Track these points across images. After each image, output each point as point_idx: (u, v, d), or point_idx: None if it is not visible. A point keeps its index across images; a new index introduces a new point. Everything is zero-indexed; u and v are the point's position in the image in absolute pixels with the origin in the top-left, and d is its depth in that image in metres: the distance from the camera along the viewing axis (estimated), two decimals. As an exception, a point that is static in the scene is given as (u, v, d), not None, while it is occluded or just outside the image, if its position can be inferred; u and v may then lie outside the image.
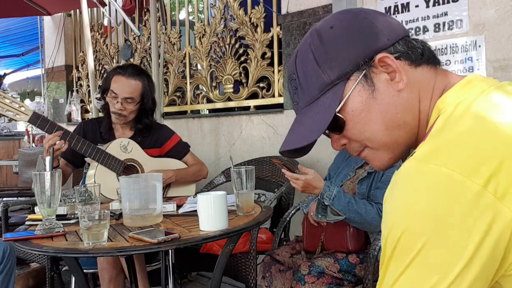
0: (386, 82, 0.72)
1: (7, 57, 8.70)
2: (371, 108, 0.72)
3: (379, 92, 0.72)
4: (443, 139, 0.63)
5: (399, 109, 0.72)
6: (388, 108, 0.72)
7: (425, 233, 0.57)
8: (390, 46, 0.73)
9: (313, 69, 0.75)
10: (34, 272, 3.12)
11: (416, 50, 0.74)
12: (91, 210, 1.40)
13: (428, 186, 0.59)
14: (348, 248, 1.80)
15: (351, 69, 0.72)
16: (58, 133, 1.99)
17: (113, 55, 4.48)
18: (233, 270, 2.24)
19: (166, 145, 2.38)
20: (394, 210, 0.61)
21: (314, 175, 1.72)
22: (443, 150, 0.61)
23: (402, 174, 0.63)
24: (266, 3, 3.01)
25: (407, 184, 0.61)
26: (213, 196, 1.47)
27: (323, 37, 0.75)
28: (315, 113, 0.75)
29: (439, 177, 0.58)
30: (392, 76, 0.72)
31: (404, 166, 0.63)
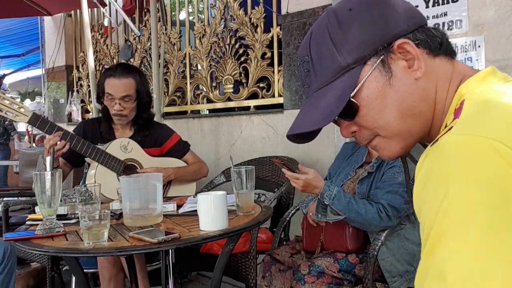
0: (403, 69, 0.70)
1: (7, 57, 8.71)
2: (387, 95, 0.70)
3: (397, 79, 0.70)
4: (482, 113, 0.61)
5: (415, 98, 0.70)
6: (404, 96, 0.70)
7: (482, 203, 0.53)
8: (410, 33, 0.71)
9: (328, 51, 0.72)
10: (35, 272, 3.12)
11: (436, 39, 0.72)
12: (92, 210, 1.41)
13: (480, 156, 0.55)
14: (347, 248, 1.80)
15: (368, 53, 0.70)
16: (58, 133, 2.00)
17: (113, 55, 4.48)
18: (233, 270, 2.24)
19: (166, 144, 2.38)
20: (445, 182, 0.56)
21: (314, 174, 1.73)
22: (486, 123, 0.59)
23: (446, 146, 0.59)
24: (266, 3, 3.02)
25: (457, 155, 0.57)
26: (213, 196, 1.48)
27: (341, 18, 0.72)
28: (329, 97, 0.72)
29: (488, 147, 0.55)
30: (410, 64, 0.70)
31: (446, 140, 0.59)
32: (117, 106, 2.21)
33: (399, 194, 1.71)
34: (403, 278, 1.76)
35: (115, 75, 2.23)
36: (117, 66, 2.32)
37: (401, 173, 1.73)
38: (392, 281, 1.74)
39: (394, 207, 1.71)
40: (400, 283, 1.75)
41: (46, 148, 1.98)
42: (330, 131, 2.64)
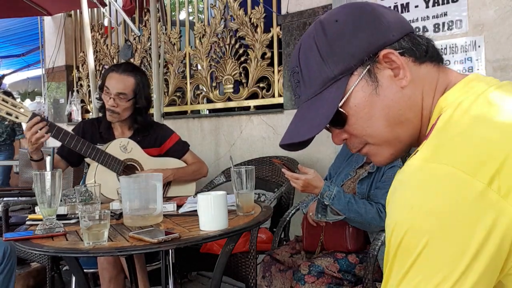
0: (389, 78, 0.72)
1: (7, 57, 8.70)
2: (374, 104, 0.72)
3: (383, 88, 0.72)
4: (445, 138, 0.63)
5: (401, 106, 0.72)
6: (391, 105, 0.72)
7: (428, 231, 0.57)
8: (395, 42, 0.72)
9: (316, 63, 0.74)
10: (35, 272, 3.12)
11: (421, 47, 0.73)
12: (92, 210, 1.41)
13: (432, 184, 0.59)
14: (347, 248, 1.80)
15: (355, 64, 0.72)
16: (35, 119, 1.95)
17: (113, 55, 4.48)
18: (233, 270, 2.24)
19: (166, 144, 2.38)
20: (397, 209, 0.61)
21: (314, 174, 1.73)
22: (446, 149, 0.61)
23: (405, 173, 0.63)
24: (266, 3, 3.02)
25: (410, 183, 0.61)
26: (213, 196, 1.48)
27: (328, 30, 0.74)
28: (318, 107, 0.74)
29: (443, 175, 0.58)
30: (396, 73, 0.72)
31: (408, 165, 0.63)
32: (111, 101, 2.21)
33: (399, 194, 1.71)
34: (403, 278, 1.75)
35: (117, 71, 2.25)
36: (123, 63, 2.36)
37: (401, 173, 1.72)
38: (392, 281, 1.74)
39: (394, 207, 1.71)
40: (400, 283, 1.74)
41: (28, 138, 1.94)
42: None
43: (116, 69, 2.25)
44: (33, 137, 1.93)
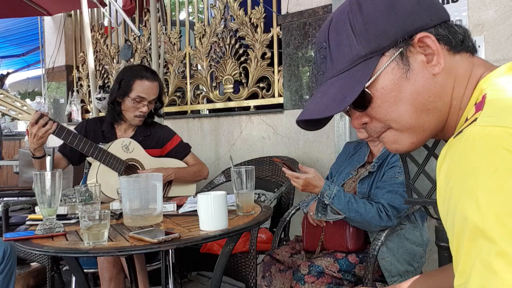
0: (422, 64, 0.69)
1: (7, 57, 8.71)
2: (402, 88, 0.69)
3: (414, 73, 0.69)
4: (501, 103, 0.61)
5: (431, 93, 0.69)
6: (420, 90, 0.69)
7: None
8: (432, 27, 0.69)
9: (347, 39, 0.71)
10: (35, 272, 3.12)
11: (457, 36, 0.71)
12: (92, 210, 1.41)
13: (500, 146, 0.55)
14: (347, 247, 1.80)
15: (388, 44, 0.69)
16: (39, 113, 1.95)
17: (113, 55, 4.48)
18: (233, 270, 2.24)
19: (167, 145, 2.39)
20: (475, 173, 0.55)
21: (314, 174, 1.73)
22: (506, 112, 0.58)
23: (472, 138, 0.58)
24: (266, 3, 3.02)
25: (485, 145, 0.56)
26: (213, 196, 1.48)
27: (364, 7, 0.72)
28: (343, 85, 0.71)
29: (509, 137, 0.55)
30: (429, 59, 0.69)
31: (472, 131, 0.58)
32: (145, 108, 2.25)
33: (399, 194, 1.71)
34: (403, 278, 1.76)
35: (147, 77, 2.24)
36: (146, 69, 2.31)
37: (401, 173, 1.73)
38: (392, 281, 1.74)
39: (394, 207, 1.71)
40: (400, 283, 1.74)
41: (34, 133, 1.94)
42: (330, 131, 2.64)
43: (146, 76, 2.24)
44: (40, 131, 1.94)
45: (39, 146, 2.01)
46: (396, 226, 1.78)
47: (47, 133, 1.96)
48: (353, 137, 2.46)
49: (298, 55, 2.81)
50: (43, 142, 1.99)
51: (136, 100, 2.22)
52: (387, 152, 1.85)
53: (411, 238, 1.81)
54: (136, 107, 2.23)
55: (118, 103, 2.27)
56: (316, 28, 2.70)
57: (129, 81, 2.23)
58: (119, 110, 2.27)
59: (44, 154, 2.06)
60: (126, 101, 2.24)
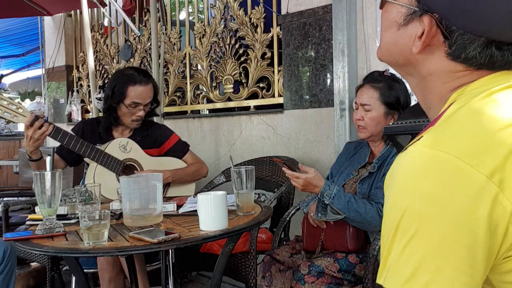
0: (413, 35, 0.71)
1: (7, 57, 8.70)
2: (390, 30, 0.75)
3: (403, 32, 0.73)
4: (453, 126, 0.63)
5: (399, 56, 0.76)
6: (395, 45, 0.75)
7: (427, 216, 0.59)
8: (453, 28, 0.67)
9: None
10: (35, 272, 3.12)
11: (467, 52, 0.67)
12: (92, 210, 1.41)
13: (434, 171, 0.60)
14: (348, 247, 1.80)
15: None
16: (32, 115, 1.94)
17: (113, 55, 4.48)
18: (233, 270, 2.24)
19: (165, 145, 2.38)
20: (399, 192, 0.63)
21: (314, 173, 1.73)
22: (451, 138, 0.61)
23: (408, 157, 0.64)
24: (266, 3, 3.02)
25: (415, 167, 0.62)
26: (213, 196, 1.48)
27: None
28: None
29: (445, 164, 0.59)
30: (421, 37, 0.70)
31: (411, 149, 0.64)
32: (142, 112, 2.23)
33: (399, 194, 1.71)
34: (403, 278, 1.75)
35: (141, 83, 2.21)
36: (138, 73, 2.27)
37: (401, 173, 1.72)
38: (392, 281, 1.74)
39: (394, 207, 1.71)
40: (400, 283, 1.74)
41: (30, 136, 1.94)
42: (330, 131, 2.64)
43: (138, 81, 2.21)
44: (36, 133, 1.93)
45: (35, 149, 2.00)
46: (396, 226, 1.78)
47: (43, 135, 1.96)
48: (353, 137, 2.46)
49: (298, 55, 2.81)
50: (39, 144, 1.99)
51: (131, 106, 2.21)
52: (387, 152, 1.85)
53: (411, 238, 1.81)
54: (132, 112, 2.22)
55: (114, 109, 2.25)
56: (316, 28, 2.70)
57: (122, 88, 2.20)
58: (115, 116, 2.26)
59: (40, 156, 2.06)
60: (122, 107, 2.22)
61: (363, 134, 1.89)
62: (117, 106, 2.23)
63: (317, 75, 2.72)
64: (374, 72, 1.95)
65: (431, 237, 0.58)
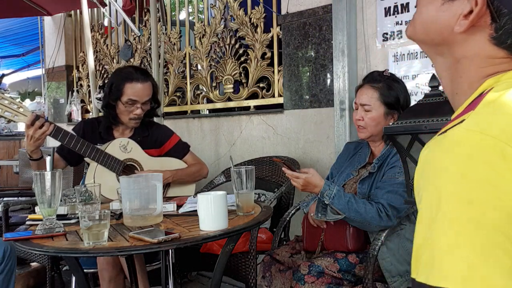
0: (458, 12, 0.68)
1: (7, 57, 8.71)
2: (432, 5, 0.71)
3: (447, 8, 0.69)
4: (498, 112, 0.60)
5: (437, 33, 0.71)
6: (434, 21, 0.71)
7: (481, 201, 0.55)
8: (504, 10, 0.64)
9: None
10: (35, 272, 3.12)
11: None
12: (92, 210, 1.41)
13: (484, 156, 0.56)
14: (348, 247, 1.80)
15: None
16: (35, 115, 1.94)
17: (113, 55, 4.48)
18: (233, 270, 2.24)
19: (166, 145, 2.38)
20: (443, 175, 0.58)
21: (314, 173, 1.73)
22: (498, 123, 0.58)
23: (453, 140, 0.59)
24: (266, 3, 3.02)
25: (461, 151, 0.57)
26: (213, 196, 1.48)
27: None
28: None
29: (494, 149, 0.56)
30: (467, 16, 0.67)
31: (453, 133, 0.60)
32: (139, 110, 2.22)
33: (399, 194, 1.71)
34: (403, 278, 1.76)
35: (137, 79, 2.20)
36: (136, 71, 2.27)
37: (401, 173, 1.73)
38: (392, 281, 1.74)
39: (394, 207, 1.71)
40: (400, 283, 1.75)
41: (30, 135, 1.93)
42: (330, 131, 2.64)
43: (135, 78, 2.20)
44: (36, 133, 1.93)
45: (36, 148, 2.00)
46: (396, 226, 1.78)
47: (44, 135, 1.96)
48: (353, 137, 2.46)
49: (298, 55, 2.81)
50: (40, 144, 1.99)
51: (128, 103, 2.20)
52: (387, 152, 1.85)
53: (411, 238, 1.81)
54: (129, 110, 2.21)
55: (112, 107, 2.25)
56: (316, 28, 2.70)
57: (119, 85, 2.20)
58: (114, 114, 2.26)
59: (41, 156, 2.06)
60: (119, 105, 2.22)
61: (363, 134, 1.89)
62: (115, 104, 2.23)
63: (317, 75, 2.72)
64: (374, 72, 1.95)
65: (487, 224, 0.54)
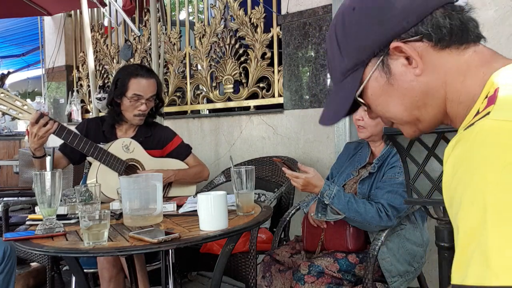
0: (403, 67, 0.72)
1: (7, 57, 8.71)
2: (389, 93, 0.73)
3: (396, 79, 0.72)
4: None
5: (417, 93, 0.72)
6: (405, 93, 0.73)
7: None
8: (412, 28, 0.70)
9: (336, 54, 0.77)
10: (35, 272, 3.13)
11: (441, 30, 0.70)
12: (92, 210, 1.41)
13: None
14: (348, 247, 1.80)
15: (367, 57, 0.73)
16: (40, 112, 1.95)
17: (113, 55, 4.48)
18: (233, 270, 2.24)
19: (168, 146, 2.38)
20: (481, 168, 0.55)
21: (314, 173, 1.73)
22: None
23: (485, 132, 0.57)
24: (266, 3, 3.02)
25: (497, 141, 0.55)
26: (213, 196, 1.48)
27: (346, 20, 0.75)
28: (340, 95, 0.78)
29: None
30: (410, 61, 0.71)
31: (483, 124, 0.58)
32: (144, 106, 2.23)
33: (399, 194, 1.71)
34: (403, 278, 1.76)
35: (142, 75, 2.23)
36: (141, 67, 2.31)
37: (401, 173, 1.73)
38: (392, 281, 1.74)
39: (394, 207, 1.71)
40: (400, 283, 1.75)
41: (34, 133, 1.93)
42: (330, 131, 2.64)
43: (140, 74, 2.23)
44: (40, 130, 1.94)
45: (40, 146, 2.01)
46: (396, 226, 1.78)
47: (48, 132, 1.96)
48: (353, 137, 2.46)
49: (298, 55, 2.81)
50: (43, 141, 2.00)
51: (133, 98, 2.21)
52: (387, 152, 1.85)
53: (411, 238, 1.81)
54: (134, 106, 2.23)
55: (117, 104, 2.26)
56: (316, 28, 2.70)
57: (125, 80, 2.22)
58: (118, 111, 2.26)
59: (44, 153, 2.06)
60: (124, 101, 2.23)
61: (363, 134, 1.89)
62: (120, 100, 2.24)
63: (317, 75, 2.72)
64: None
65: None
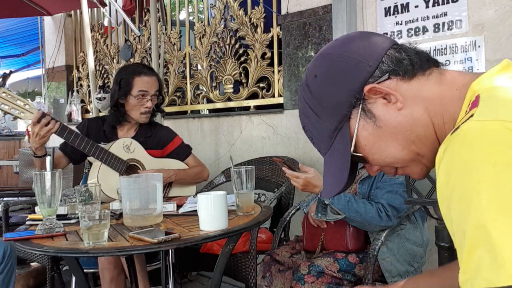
0: (384, 106, 0.73)
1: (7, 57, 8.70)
2: (381, 136, 0.74)
3: (382, 120, 0.73)
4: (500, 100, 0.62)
5: (406, 127, 0.73)
6: (396, 131, 0.73)
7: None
8: (375, 70, 0.73)
9: (316, 121, 0.78)
10: (35, 272, 3.12)
11: (403, 63, 0.73)
12: (92, 210, 1.41)
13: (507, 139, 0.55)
14: (348, 247, 1.80)
15: (346, 110, 0.74)
16: (41, 112, 1.96)
17: (113, 55, 4.48)
18: (233, 270, 2.24)
19: (168, 147, 2.38)
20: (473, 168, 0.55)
21: (314, 173, 1.73)
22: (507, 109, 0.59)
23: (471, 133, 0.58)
24: (266, 3, 3.02)
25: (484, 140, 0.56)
26: (213, 196, 1.48)
27: (312, 88, 0.77)
28: (335, 160, 0.78)
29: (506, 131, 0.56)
30: (388, 99, 0.72)
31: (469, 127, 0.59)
32: (150, 103, 2.25)
33: (399, 194, 1.71)
34: (403, 278, 1.76)
35: (145, 73, 2.26)
36: (143, 65, 2.35)
37: (401, 173, 1.73)
38: (392, 281, 1.74)
39: (394, 206, 1.71)
40: (400, 283, 1.74)
41: (36, 133, 1.94)
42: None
43: (144, 71, 2.27)
44: (42, 130, 1.94)
45: (41, 145, 2.01)
46: (396, 226, 1.78)
47: (49, 132, 1.96)
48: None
49: (298, 55, 2.81)
50: (45, 141, 2.00)
51: (140, 95, 2.22)
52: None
53: (411, 238, 1.81)
54: (141, 103, 2.24)
55: (122, 105, 2.26)
56: (316, 28, 2.70)
57: (128, 79, 2.24)
58: (123, 112, 2.26)
59: (45, 153, 2.06)
60: (129, 99, 2.24)
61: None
62: (125, 99, 2.25)
63: (317, 75, 2.71)
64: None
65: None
